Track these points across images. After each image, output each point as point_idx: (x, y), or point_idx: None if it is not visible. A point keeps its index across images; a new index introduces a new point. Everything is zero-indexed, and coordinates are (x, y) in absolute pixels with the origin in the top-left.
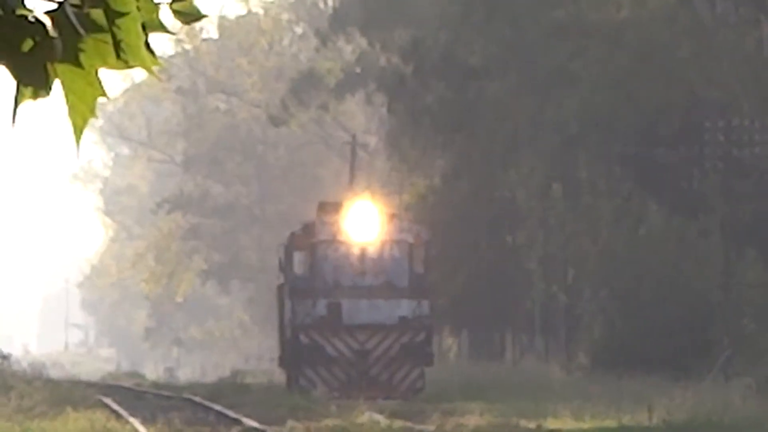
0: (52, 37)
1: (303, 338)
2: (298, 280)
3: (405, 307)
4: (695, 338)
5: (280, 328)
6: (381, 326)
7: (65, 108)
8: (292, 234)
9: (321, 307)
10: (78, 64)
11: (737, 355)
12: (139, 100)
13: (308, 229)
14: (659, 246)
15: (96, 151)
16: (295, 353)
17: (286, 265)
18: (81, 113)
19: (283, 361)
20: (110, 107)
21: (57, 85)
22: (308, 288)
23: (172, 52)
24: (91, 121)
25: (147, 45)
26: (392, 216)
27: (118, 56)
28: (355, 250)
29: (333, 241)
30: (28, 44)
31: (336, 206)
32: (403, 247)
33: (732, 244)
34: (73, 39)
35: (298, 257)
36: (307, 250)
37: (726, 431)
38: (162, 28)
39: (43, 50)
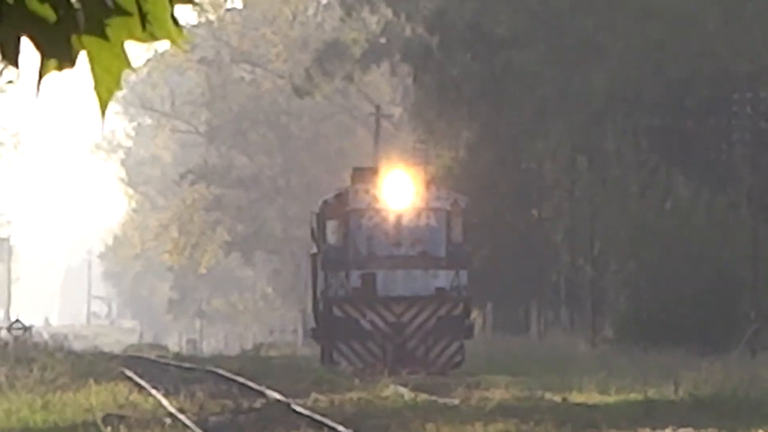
0: (76, 9)
1: (336, 311)
2: (331, 250)
3: (442, 278)
4: (722, 312)
5: (313, 299)
6: (417, 298)
7: (91, 80)
8: (325, 201)
9: (355, 279)
10: (104, 36)
11: (764, 329)
12: (162, 70)
13: (341, 196)
14: (686, 218)
15: (118, 121)
16: (328, 327)
17: (318, 235)
18: (106, 85)
19: (316, 334)
20: (133, 77)
21: (83, 56)
22: (341, 258)
23: (195, 22)
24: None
25: (173, 17)
26: (429, 183)
27: (143, 29)
28: (390, 219)
29: (367, 209)
30: (52, 16)
31: (370, 172)
32: (440, 215)
33: (760, 217)
34: (99, 11)
35: (331, 226)
36: (341, 218)
37: (752, 405)
38: None
39: (67, 22)
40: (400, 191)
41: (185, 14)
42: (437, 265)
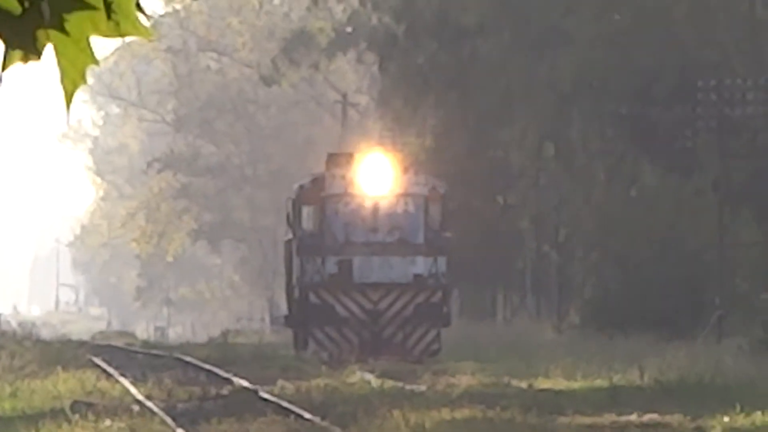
0: (41, 2)
1: (312, 297)
2: (306, 235)
3: (420, 265)
4: (688, 298)
5: (288, 286)
6: (395, 285)
7: (57, 72)
8: (301, 187)
9: (331, 265)
10: (69, 30)
11: (730, 315)
12: (129, 60)
13: (317, 182)
14: (652, 205)
15: (86, 110)
16: (303, 313)
17: (294, 220)
18: (72, 79)
19: (290, 321)
20: (100, 66)
21: (50, 48)
22: (318, 244)
23: (162, 12)
24: None
25: (139, 8)
26: (406, 168)
27: (109, 18)
28: (367, 205)
29: (344, 194)
30: (16, 9)
31: (346, 158)
32: (418, 201)
33: (726, 204)
34: (64, 5)
35: (306, 212)
36: (317, 204)
37: (718, 391)
38: None
39: (32, 15)
40: (376, 176)
41: (152, 4)
42: (415, 252)
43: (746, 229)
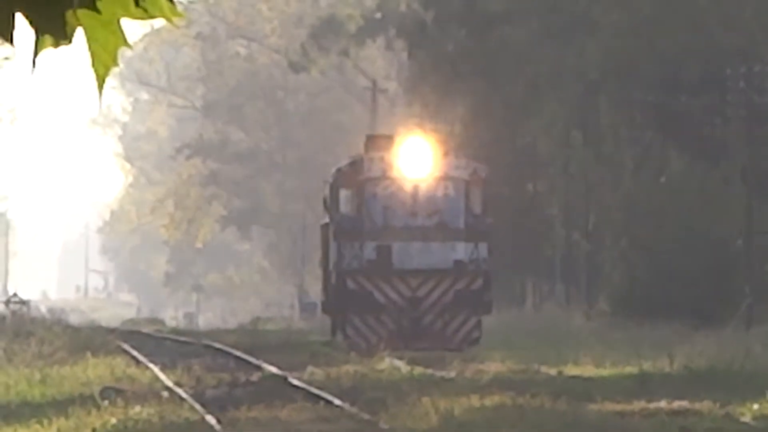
0: None
1: (350, 283)
2: (344, 220)
3: (461, 251)
4: (716, 286)
5: (324, 271)
6: (434, 271)
7: (88, 56)
8: (338, 170)
9: (369, 250)
10: (99, 12)
11: (758, 303)
12: (158, 45)
13: (355, 164)
14: (680, 193)
15: (115, 96)
16: (341, 300)
17: (331, 204)
18: (103, 62)
19: (326, 307)
20: (129, 52)
21: (80, 32)
22: (356, 229)
23: None
24: None
25: None
26: (447, 151)
27: (137, 5)
28: (407, 188)
29: (382, 178)
30: None
31: (385, 140)
32: (459, 184)
33: (754, 192)
34: None
35: (344, 195)
36: (355, 187)
37: (747, 379)
38: None
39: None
40: (416, 159)
41: None
42: (455, 237)
43: None
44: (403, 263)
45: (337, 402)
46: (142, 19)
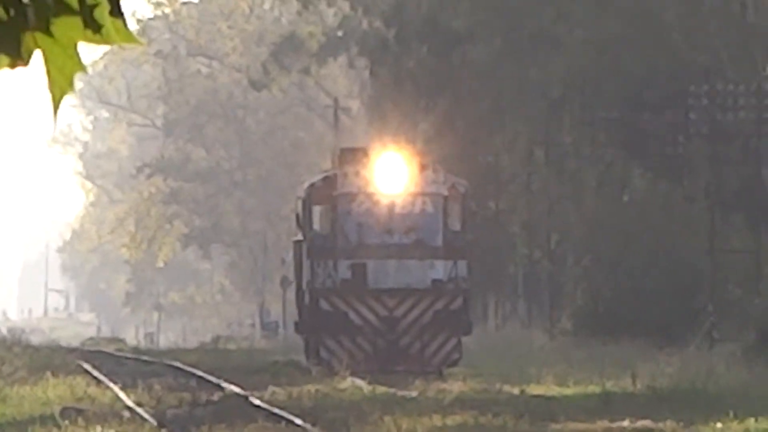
0: (26, 6)
1: (324, 303)
2: (317, 237)
3: (439, 269)
4: (680, 304)
5: (297, 290)
6: (412, 290)
7: (46, 78)
8: (311, 185)
9: (344, 269)
10: (56, 36)
11: (722, 322)
12: (118, 64)
13: (329, 179)
14: (644, 212)
15: (75, 114)
16: (314, 321)
17: (303, 221)
18: (59, 86)
19: (300, 328)
20: (89, 70)
21: (39, 54)
22: (329, 247)
23: (151, 15)
24: None
25: (117, 13)
26: (424, 166)
27: (96, 31)
28: (383, 204)
29: (357, 193)
30: (2, 14)
31: (360, 154)
32: (437, 200)
33: (717, 210)
34: (52, 11)
35: (317, 211)
36: (328, 203)
37: (710, 398)
38: None
39: (18, 20)
40: (392, 174)
41: (141, 8)
42: (433, 255)
43: (737, 235)
44: (378, 282)
45: (298, 422)
46: (99, 44)
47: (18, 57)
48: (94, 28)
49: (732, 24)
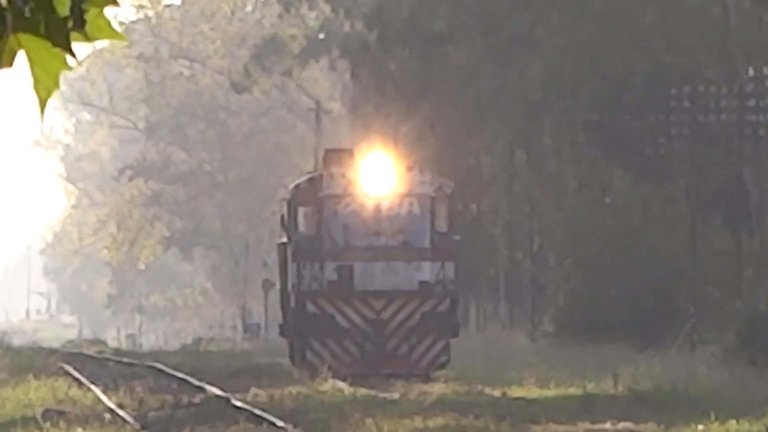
0: (4, 9)
1: (310, 306)
2: (303, 239)
3: (426, 271)
4: (660, 306)
5: (282, 293)
6: (399, 293)
7: (30, 79)
8: (297, 186)
9: (330, 271)
10: (41, 36)
11: (703, 323)
12: (100, 66)
13: (315, 181)
14: (624, 214)
15: (57, 117)
16: (300, 324)
17: (289, 223)
18: (45, 85)
19: (285, 331)
20: (71, 73)
21: (22, 55)
22: (315, 249)
23: (134, 18)
24: None
25: (105, 18)
26: (410, 167)
27: (78, 30)
28: (369, 205)
29: (343, 195)
30: None
31: (346, 155)
32: (424, 201)
33: (698, 212)
34: (35, 12)
35: (303, 213)
36: (314, 205)
37: (691, 400)
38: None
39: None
40: (378, 175)
41: (123, 11)
42: (420, 257)
43: (718, 237)
44: (365, 284)
45: (279, 424)
46: (83, 42)
47: (1, 59)
48: (78, 26)
49: (712, 26)
